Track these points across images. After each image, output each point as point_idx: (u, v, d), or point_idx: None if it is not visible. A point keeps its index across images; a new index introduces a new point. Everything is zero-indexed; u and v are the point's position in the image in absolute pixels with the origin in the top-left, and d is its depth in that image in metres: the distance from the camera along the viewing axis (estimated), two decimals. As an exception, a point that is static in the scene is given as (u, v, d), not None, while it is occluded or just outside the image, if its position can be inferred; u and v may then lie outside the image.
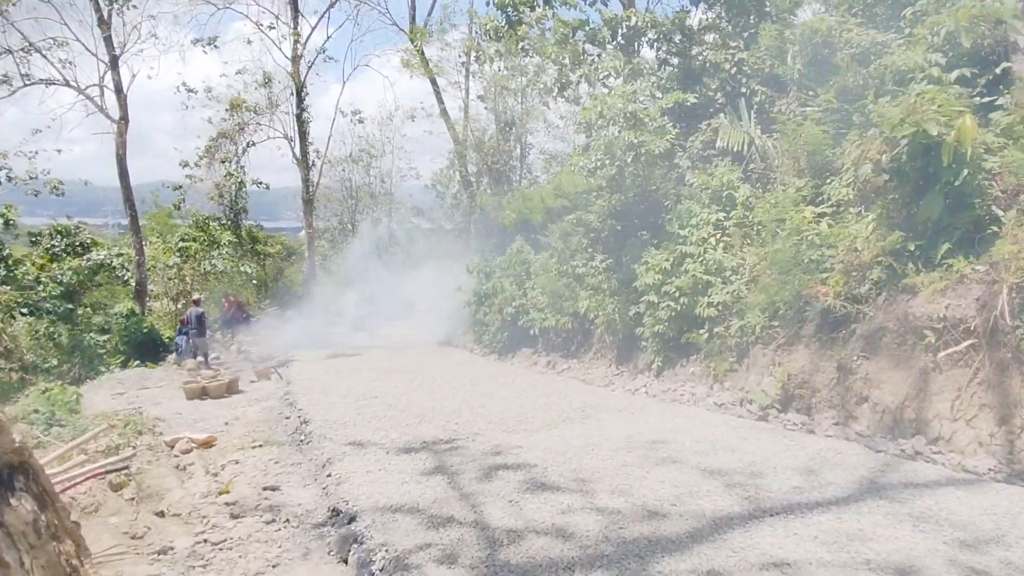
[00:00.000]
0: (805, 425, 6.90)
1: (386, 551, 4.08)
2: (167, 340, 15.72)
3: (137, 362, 13.79)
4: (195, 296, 14.78)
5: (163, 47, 25.49)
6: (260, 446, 7.81)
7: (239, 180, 21.66)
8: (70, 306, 14.19)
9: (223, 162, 21.19)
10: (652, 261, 9.81)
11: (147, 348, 15.33)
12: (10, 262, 14.64)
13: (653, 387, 9.46)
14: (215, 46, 20.06)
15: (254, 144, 21.95)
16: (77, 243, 16.65)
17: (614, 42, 13.37)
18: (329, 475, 5.95)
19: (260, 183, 22.10)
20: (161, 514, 5.58)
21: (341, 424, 7.98)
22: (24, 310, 13.96)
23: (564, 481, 5.27)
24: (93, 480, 5.86)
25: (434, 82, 17.88)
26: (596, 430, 6.98)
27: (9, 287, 13.83)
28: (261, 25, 21.48)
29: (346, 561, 4.30)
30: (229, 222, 21.04)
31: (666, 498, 4.75)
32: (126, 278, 16.56)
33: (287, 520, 5.08)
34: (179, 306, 18.08)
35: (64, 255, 16.77)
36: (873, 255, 6.89)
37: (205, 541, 4.69)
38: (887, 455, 5.72)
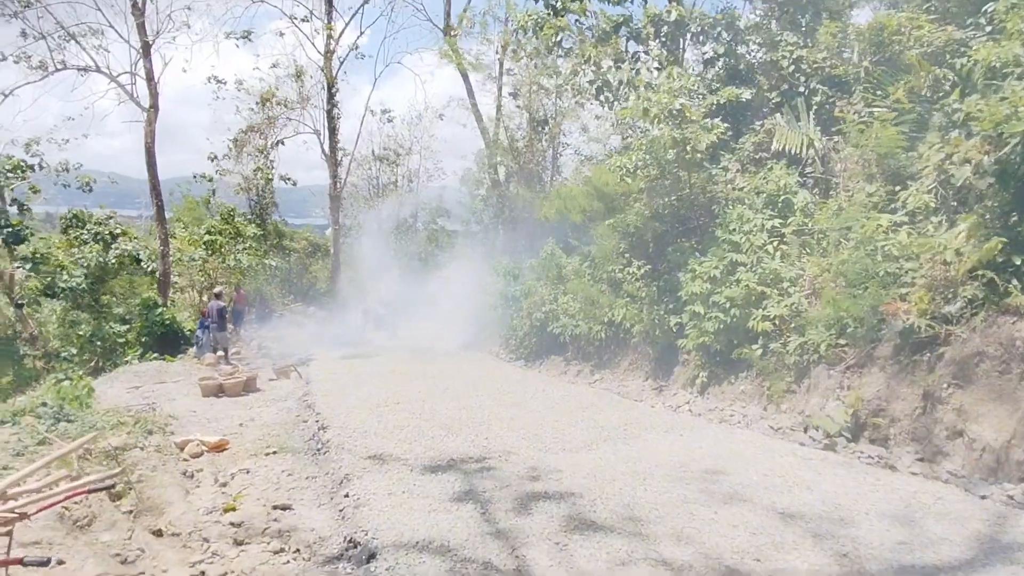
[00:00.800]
0: (882, 459, 5.99)
1: (412, 605, 3.32)
2: (188, 333, 15.22)
3: (155, 355, 13.26)
4: (216, 289, 14.26)
5: (196, 36, 25.22)
6: (274, 453, 7.13)
7: (267, 175, 21.23)
8: (92, 294, 13.75)
9: (255, 153, 20.77)
10: (699, 269, 8.95)
11: (168, 341, 14.84)
12: (36, 255, 14.27)
13: (697, 405, 8.58)
14: (248, 39, 19.67)
15: (282, 142, 21.55)
16: (107, 232, 16.29)
17: (657, 39, 12.55)
18: (347, 495, 5.22)
19: (288, 179, 21.66)
20: (159, 533, 4.89)
21: (361, 433, 7.26)
22: (48, 294, 13.59)
23: (616, 519, 4.46)
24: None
25: (466, 77, 17.21)
26: (643, 453, 6.15)
27: (33, 274, 13.44)
28: (295, 19, 21.09)
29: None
30: (255, 216, 20.63)
31: (744, 549, 3.92)
32: (150, 269, 16.13)
33: (297, 550, 4.35)
34: (204, 299, 17.60)
35: (91, 242, 16.42)
36: (967, 269, 5.97)
37: (202, 574, 3.97)
38: (994, 502, 4.80)
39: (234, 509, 5.21)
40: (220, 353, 13.48)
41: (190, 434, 8.09)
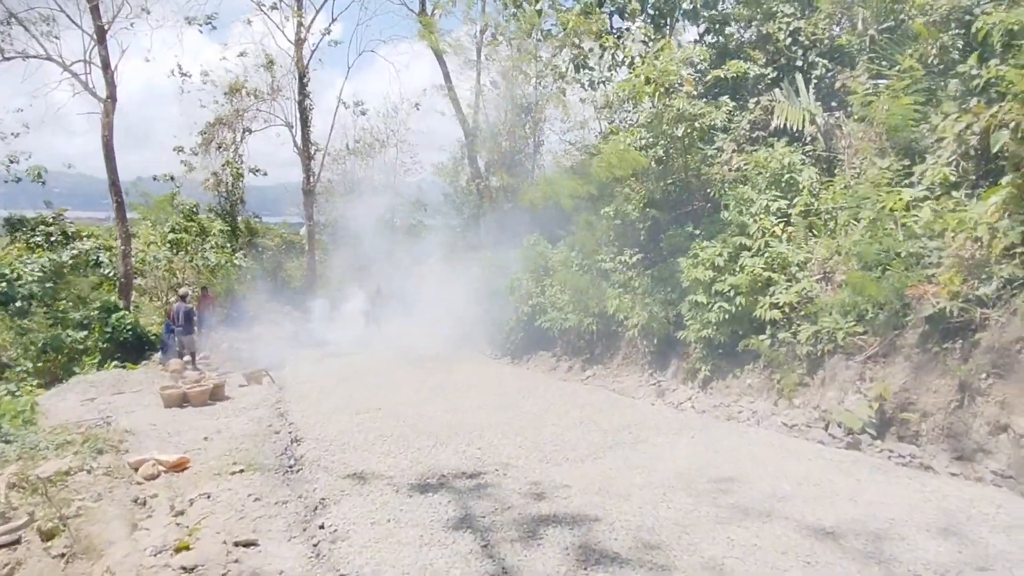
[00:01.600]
0: (915, 458, 5.38)
1: None
2: (154, 338, 14.14)
3: (114, 363, 12.20)
4: (181, 290, 13.21)
5: (156, 23, 23.72)
6: (241, 471, 6.27)
7: (237, 169, 20.03)
8: (46, 300, 12.60)
9: (220, 148, 19.54)
10: (703, 255, 8.28)
11: (132, 346, 13.76)
12: None
13: (700, 401, 7.94)
14: (212, 26, 18.42)
15: (252, 131, 20.35)
16: (59, 232, 15.08)
17: (643, 14, 11.84)
18: (322, 526, 4.42)
19: (258, 171, 20.49)
20: (94, 583, 4.05)
21: (339, 446, 6.45)
22: (1, 301, 12.40)
23: (640, 547, 3.75)
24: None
25: (442, 59, 16.24)
26: (654, 460, 5.46)
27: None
28: (263, 5, 19.87)
29: None
30: (224, 212, 19.46)
31: (800, 585, 3.23)
32: (110, 273, 14.98)
33: (260, 604, 3.55)
34: (171, 301, 16.45)
35: (44, 245, 15.20)
36: (1003, 247, 5.38)
37: (137, 646, 3.16)
38: (1057, 508, 4.20)
39: (188, 548, 4.37)
40: (187, 358, 12.47)
41: (147, 451, 7.19)
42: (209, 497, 5.55)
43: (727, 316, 7.81)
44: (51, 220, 15.21)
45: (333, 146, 23.54)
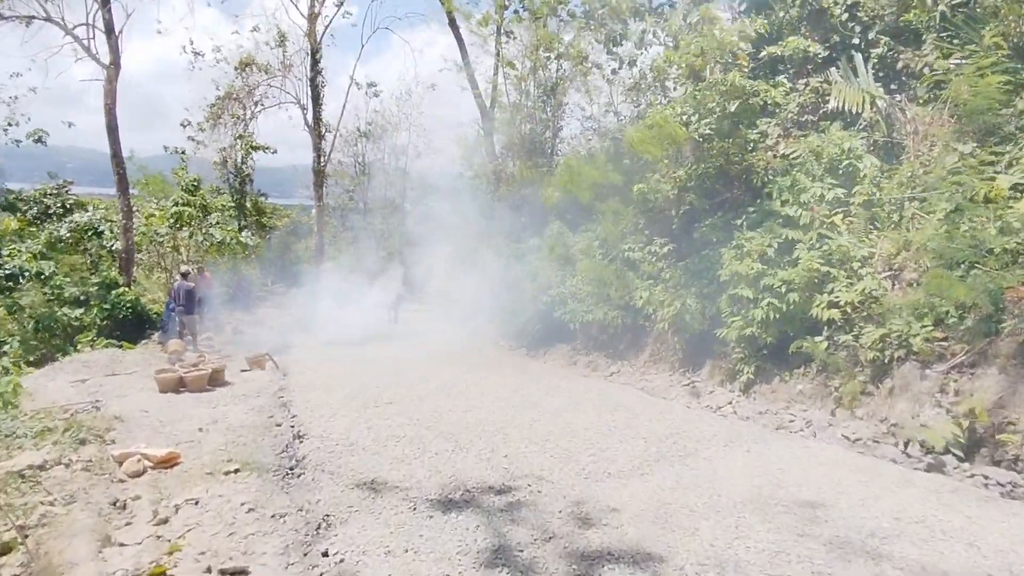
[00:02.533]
0: (1018, 487, 4.54)
1: None
2: (155, 316, 13.35)
3: (106, 341, 11.40)
4: (183, 268, 12.38)
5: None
6: (236, 471, 5.47)
7: (249, 143, 19.10)
8: (40, 276, 11.76)
9: (233, 122, 18.63)
10: (749, 246, 7.40)
11: (131, 324, 12.96)
12: None
13: (743, 406, 7.09)
14: (223, -3, 17.38)
15: (263, 107, 19.45)
16: (59, 204, 14.25)
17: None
18: (326, 552, 3.60)
19: (267, 148, 19.56)
20: (46, 617, 3.25)
21: (346, 446, 5.64)
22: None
23: (726, 603, 2.92)
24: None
25: (455, 26, 15.19)
26: (712, 479, 4.62)
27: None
28: (275, -22, 18.86)
29: None
30: (232, 189, 18.61)
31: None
32: (112, 245, 14.16)
33: (246, 665, 2.73)
34: (175, 278, 15.63)
35: (44, 219, 14.37)
36: None
37: None
38: None
39: (164, 574, 3.57)
40: (187, 339, 11.68)
41: (135, 443, 6.40)
42: (197, 503, 4.75)
43: (777, 314, 6.95)
44: (52, 191, 14.35)
45: (345, 127, 22.64)
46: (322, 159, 20.02)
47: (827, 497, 4.22)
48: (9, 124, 14.64)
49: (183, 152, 19.43)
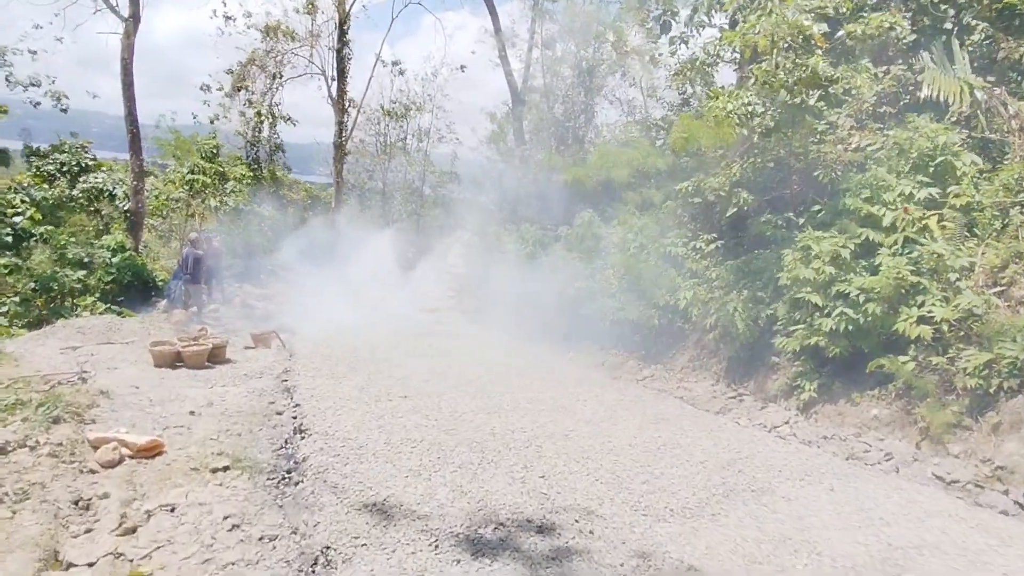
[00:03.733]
0: None
1: None
2: (161, 283, 12.52)
3: (106, 307, 10.57)
4: (191, 235, 11.51)
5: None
6: (225, 468, 4.59)
7: (275, 112, 18.17)
8: (43, 236, 10.93)
9: (256, 90, 17.72)
10: (818, 247, 6.36)
11: (137, 290, 12.16)
12: None
13: (803, 428, 6.10)
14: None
15: (286, 78, 18.46)
16: (74, 162, 13.43)
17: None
18: (322, 607, 2.68)
19: (289, 119, 18.63)
20: None
21: (353, 449, 4.72)
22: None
23: None
24: None
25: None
26: (801, 528, 3.66)
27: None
28: (306, -56, 17.80)
29: None
30: (252, 159, 17.73)
31: None
32: (126, 206, 13.34)
33: None
34: (184, 245, 14.77)
35: (59, 176, 13.55)
36: None
37: None
38: None
39: (109, 622, 2.67)
40: (193, 309, 10.85)
41: (117, 424, 5.54)
42: (173, 511, 3.87)
43: (851, 325, 5.93)
44: (68, 149, 13.52)
45: (368, 105, 21.63)
46: (344, 134, 19.06)
47: (959, 567, 3.24)
48: (32, 84, 13.81)
49: (214, 118, 18.49)
